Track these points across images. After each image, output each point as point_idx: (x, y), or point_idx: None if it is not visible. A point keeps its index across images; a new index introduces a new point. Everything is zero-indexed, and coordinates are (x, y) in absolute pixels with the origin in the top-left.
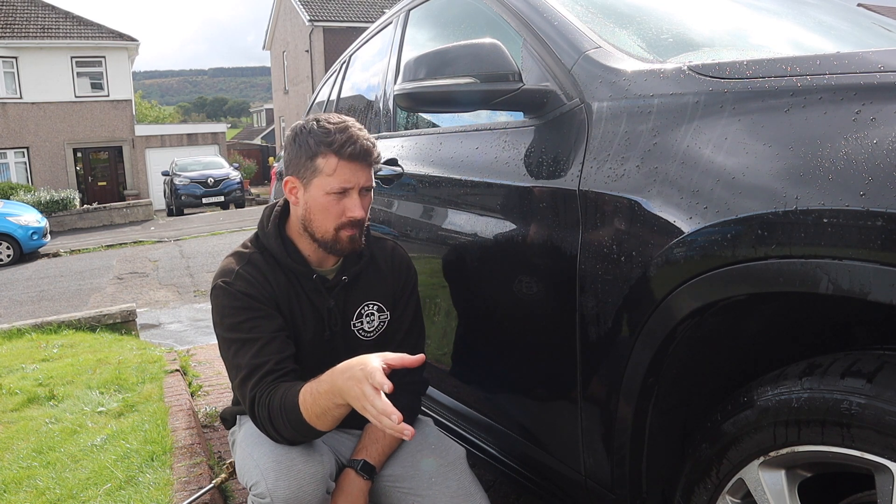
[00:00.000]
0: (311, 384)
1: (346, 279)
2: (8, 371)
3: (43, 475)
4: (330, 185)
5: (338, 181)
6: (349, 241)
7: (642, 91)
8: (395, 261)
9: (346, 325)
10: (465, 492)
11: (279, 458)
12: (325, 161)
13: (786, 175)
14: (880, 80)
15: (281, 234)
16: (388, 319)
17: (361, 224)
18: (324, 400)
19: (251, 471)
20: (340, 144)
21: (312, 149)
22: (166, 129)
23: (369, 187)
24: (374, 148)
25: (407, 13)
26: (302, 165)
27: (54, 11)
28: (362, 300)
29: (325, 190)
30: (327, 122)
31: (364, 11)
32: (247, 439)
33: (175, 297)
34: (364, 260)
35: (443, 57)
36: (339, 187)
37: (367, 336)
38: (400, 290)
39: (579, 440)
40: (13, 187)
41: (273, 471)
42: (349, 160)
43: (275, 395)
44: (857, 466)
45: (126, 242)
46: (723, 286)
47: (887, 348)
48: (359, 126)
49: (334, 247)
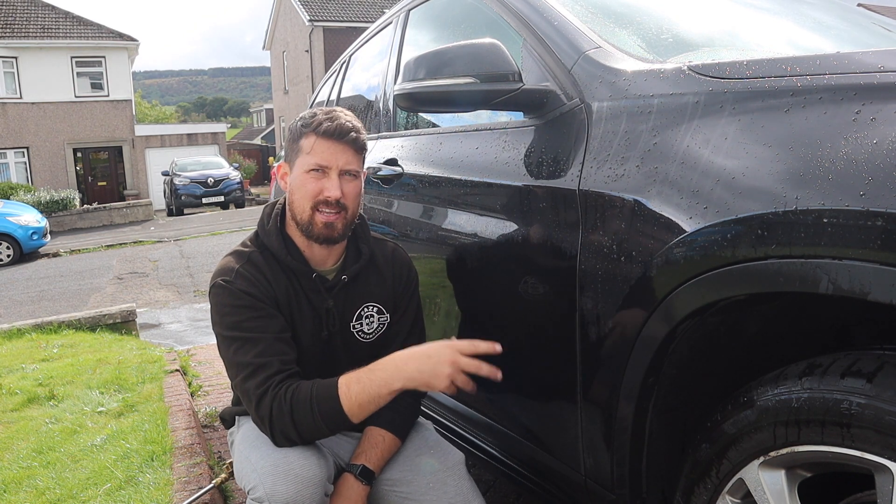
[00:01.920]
0: (356, 373)
1: (345, 279)
2: (8, 371)
3: (43, 475)
4: (307, 163)
5: (314, 158)
6: (325, 227)
7: (642, 91)
8: (395, 263)
9: (345, 326)
10: (463, 498)
11: (277, 462)
12: (306, 140)
13: (786, 175)
14: (880, 80)
15: (281, 232)
16: (388, 322)
17: (340, 208)
18: (377, 387)
19: (249, 475)
20: (319, 122)
21: (298, 131)
22: (166, 129)
23: (353, 172)
24: (356, 130)
25: (407, 13)
26: (290, 149)
27: (54, 11)
28: (362, 301)
29: (303, 168)
30: (319, 110)
31: (364, 11)
32: (244, 442)
33: (175, 297)
34: (364, 260)
35: (442, 57)
36: (316, 164)
37: (366, 338)
38: (400, 292)
39: (579, 440)
40: (13, 187)
41: (271, 475)
42: (325, 137)
43: (299, 388)
44: (856, 466)
45: (126, 242)
46: (723, 286)
47: (887, 348)
48: (349, 113)
49: (311, 230)
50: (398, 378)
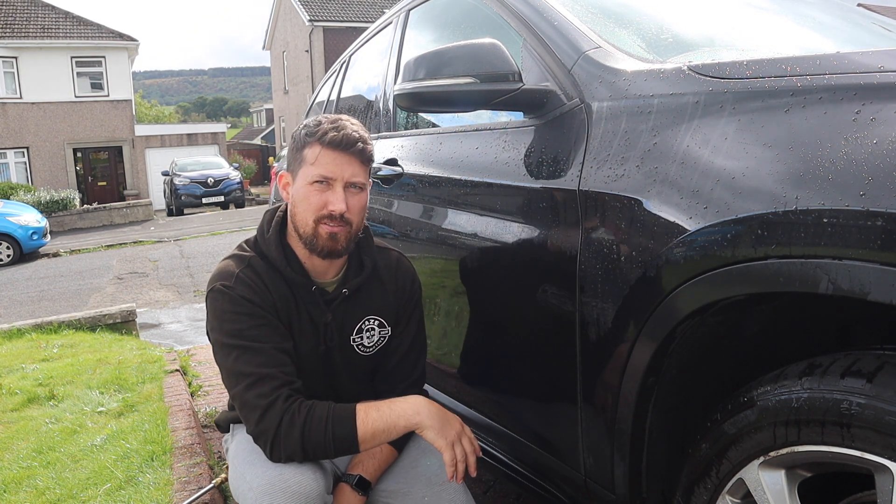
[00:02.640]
0: (375, 403)
1: (346, 292)
2: (8, 371)
3: (43, 475)
4: (311, 174)
5: (318, 169)
6: (329, 239)
7: (642, 91)
8: (399, 274)
9: (344, 339)
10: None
11: (273, 481)
12: (310, 150)
13: (786, 175)
14: (880, 80)
15: (282, 242)
16: (389, 335)
17: (345, 222)
18: (395, 417)
19: (245, 493)
20: (324, 132)
21: (302, 141)
22: (166, 129)
23: (359, 184)
24: (362, 141)
25: (407, 13)
26: (293, 159)
27: (54, 11)
28: (363, 314)
29: (307, 179)
30: (324, 118)
31: (364, 11)
32: (238, 456)
33: (175, 297)
34: (366, 273)
35: (442, 57)
36: (320, 175)
37: (366, 351)
38: (403, 305)
39: (579, 440)
40: (13, 187)
41: (267, 494)
42: (330, 147)
43: (315, 407)
44: (856, 466)
45: (126, 242)
46: (723, 286)
47: (887, 348)
48: (355, 122)
49: (314, 244)
50: (417, 413)
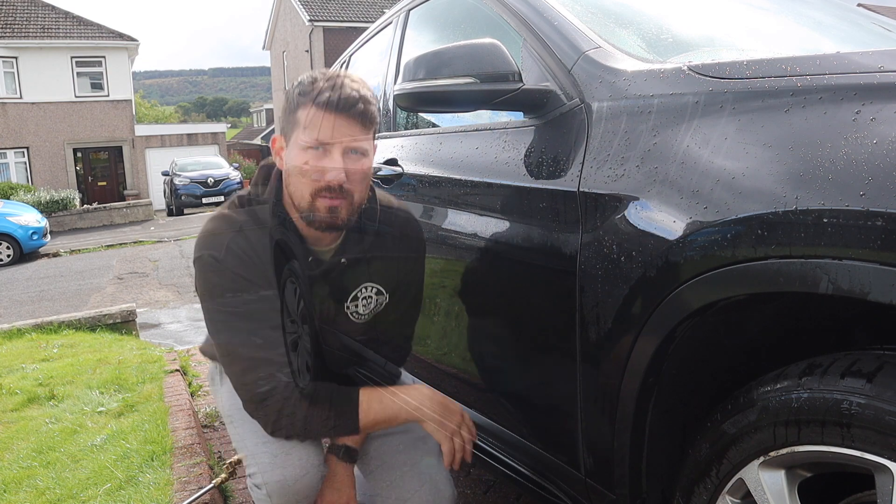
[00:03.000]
0: (379, 391)
1: (344, 262)
2: (8, 371)
3: (43, 475)
4: (304, 139)
5: (312, 133)
6: (328, 213)
7: (642, 91)
8: (404, 236)
9: (338, 306)
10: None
11: (275, 451)
12: (305, 112)
13: (786, 175)
14: (880, 80)
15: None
16: (387, 302)
17: (345, 194)
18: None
19: (247, 458)
20: (319, 92)
21: (295, 101)
22: (166, 129)
23: (360, 150)
24: (363, 101)
25: (407, 13)
26: (286, 121)
27: (54, 11)
28: (361, 281)
29: (301, 145)
30: (320, 74)
31: (364, 11)
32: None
33: (175, 296)
34: (367, 241)
35: (442, 57)
36: (314, 140)
37: (359, 318)
38: (406, 272)
39: (579, 440)
40: (13, 187)
41: (269, 464)
42: (326, 109)
43: (317, 391)
44: (857, 466)
45: (126, 242)
46: (723, 286)
47: (887, 348)
48: (355, 78)
49: (312, 218)
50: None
